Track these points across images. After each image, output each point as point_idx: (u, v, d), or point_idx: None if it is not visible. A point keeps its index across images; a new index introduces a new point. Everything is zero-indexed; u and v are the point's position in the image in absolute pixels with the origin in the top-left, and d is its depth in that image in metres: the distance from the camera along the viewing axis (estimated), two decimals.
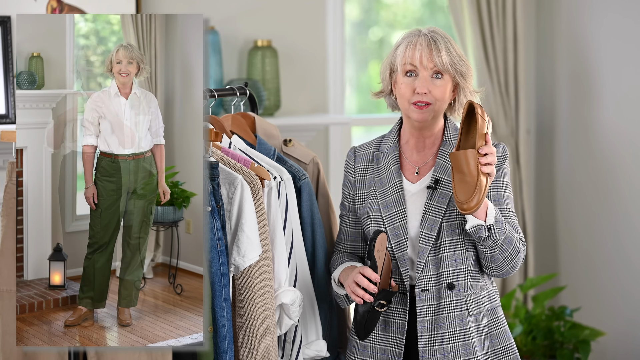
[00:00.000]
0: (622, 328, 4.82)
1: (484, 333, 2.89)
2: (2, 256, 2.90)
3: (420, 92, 2.80)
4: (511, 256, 2.82)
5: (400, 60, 2.83)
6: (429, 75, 2.81)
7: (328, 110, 4.58)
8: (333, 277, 2.95)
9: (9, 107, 3.79)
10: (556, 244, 5.13)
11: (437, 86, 2.82)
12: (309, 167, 3.18)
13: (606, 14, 4.83)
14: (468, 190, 2.70)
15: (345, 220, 3.02)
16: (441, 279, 2.85)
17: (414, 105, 2.83)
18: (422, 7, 5.16)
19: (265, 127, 3.23)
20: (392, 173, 2.90)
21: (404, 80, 2.83)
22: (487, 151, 2.73)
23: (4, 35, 3.81)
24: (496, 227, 2.76)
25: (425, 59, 2.81)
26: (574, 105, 5.01)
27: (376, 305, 2.79)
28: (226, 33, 4.31)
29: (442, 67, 2.81)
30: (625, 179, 4.80)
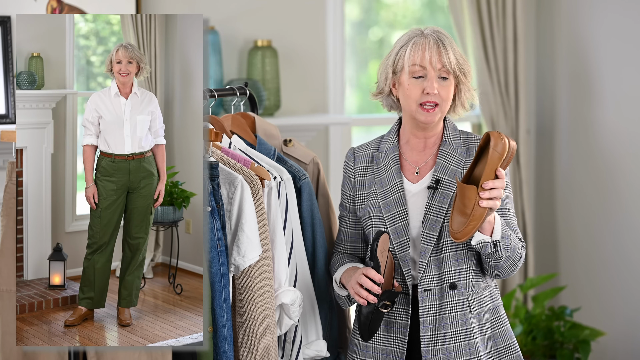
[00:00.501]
0: (622, 328, 4.82)
1: (487, 332, 2.89)
2: (2, 256, 2.90)
3: (430, 92, 2.80)
4: (513, 262, 2.83)
5: (407, 62, 2.82)
6: (436, 76, 2.82)
7: (328, 110, 4.58)
8: (334, 278, 2.95)
9: (9, 107, 3.79)
10: (556, 244, 5.13)
11: (444, 86, 2.82)
12: (309, 167, 3.18)
13: (606, 14, 4.83)
14: (462, 222, 2.70)
15: (345, 221, 3.02)
16: (443, 279, 2.85)
17: (421, 107, 2.82)
18: (422, 7, 5.16)
19: (265, 127, 3.22)
20: (393, 173, 2.90)
21: (411, 81, 2.82)
22: (493, 186, 2.68)
23: (4, 35, 3.81)
24: (502, 243, 2.76)
25: (435, 59, 2.80)
26: (574, 105, 5.01)
27: (380, 306, 2.79)
28: (226, 33, 4.31)
29: (449, 68, 2.81)
30: (625, 179, 4.80)
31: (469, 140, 2.92)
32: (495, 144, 2.69)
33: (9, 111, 3.79)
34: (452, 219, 2.71)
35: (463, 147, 2.91)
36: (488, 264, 2.83)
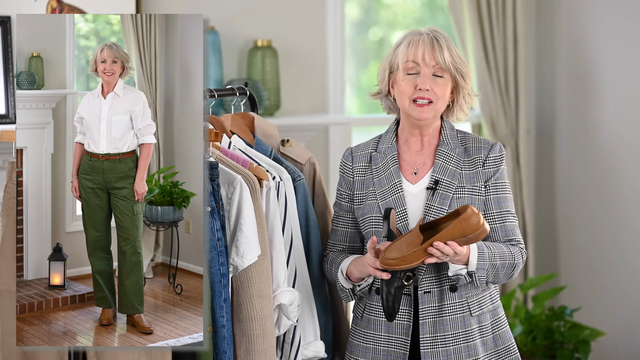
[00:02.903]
0: (622, 328, 4.82)
1: (487, 334, 2.89)
2: (2, 256, 2.90)
3: (422, 87, 2.80)
4: (506, 275, 2.84)
5: (401, 58, 2.83)
6: (430, 73, 2.82)
7: (328, 110, 4.58)
8: (341, 270, 2.92)
9: (9, 107, 3.79)
10: (556, 244, 5.13)
11: (438, 84, 2.82)
12: (305, 167, 3.17)
13: (606, 15, 4.83)
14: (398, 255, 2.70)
15: (341, 221, 3.00)
16: (443, 281, 2.85)
17: (414, 103, 2.83)
18: (422, 7, 5.16)
19: (263, 127, 3.22)
20: (392, 174, 2.90)
21: (405, 77, 2.83)
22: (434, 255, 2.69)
23: (4, 35, 3.81)
24: (478, 274, 2.77)
25: (427, 56, 2.81)
26: (574, 105, 5.01)
27: (404, 278, 2.77)
28: (226, 33, 4.31)
29: (443, 65, 2.81)
30: (625, 179, 4.80)
31: (467, 140, 2.92)
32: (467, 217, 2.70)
33: (9, 111, 3.80)
34: (393, 245, 2.71)
35: (461, 147, 2.91)
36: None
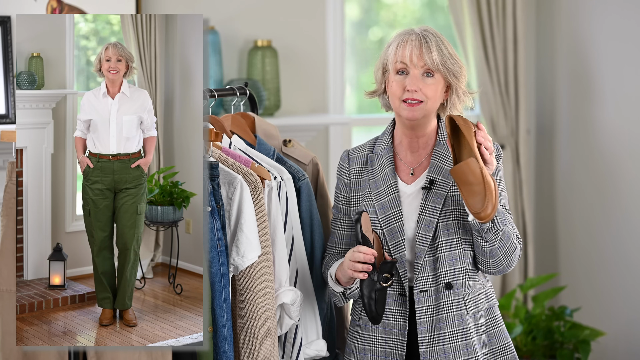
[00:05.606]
0: (622, 328, 4.82)
1: (482, 332, 2.89)
2: (2, 256, 2.90)
3: (410, 89, 2.80)
4: (509, 251, 2.81)
5: (391, 59, 2.83)
6: (419, 73, 2.81)
7: (328, 110, 4.58)
8: (330, 274, 2.94)
9: (9, 107, 3.79)
10: (556, 244, 5.13)
11: (428, 84, 2.81)
12: (308, 167, 3.18)
13: (606, 15, 4.83)
14: (480, 199, 2.70)
15: (339, 224, 3.00)
16: (439, 279, 2.85)
17: (404, 102, 2.82)
18: (422, 7, 5.16)
19: (264, 127, 3.22)
20: (387, 175, 2.90)
21: (395, 78, 2.83)
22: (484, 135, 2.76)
23: (4, 35, 3.81)
24: (498, 217, 2.76)
25: (415, 57, 2.81)
26: (574, 105, 5.01)
27: (381, 280, 2.77)
28: (226, 33, 4.31)
29: (432, 66, 2.80)
30: (625, 179, 4.80)
31: None
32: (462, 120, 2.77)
33: (9, 111, 3.80)
34: (469, 204, 2.71)
35: None
36: (483, 250, 2.80)
